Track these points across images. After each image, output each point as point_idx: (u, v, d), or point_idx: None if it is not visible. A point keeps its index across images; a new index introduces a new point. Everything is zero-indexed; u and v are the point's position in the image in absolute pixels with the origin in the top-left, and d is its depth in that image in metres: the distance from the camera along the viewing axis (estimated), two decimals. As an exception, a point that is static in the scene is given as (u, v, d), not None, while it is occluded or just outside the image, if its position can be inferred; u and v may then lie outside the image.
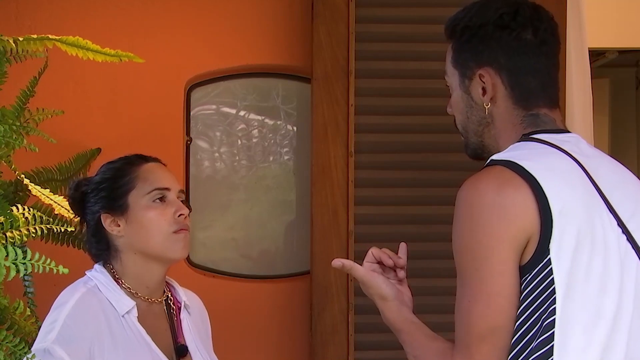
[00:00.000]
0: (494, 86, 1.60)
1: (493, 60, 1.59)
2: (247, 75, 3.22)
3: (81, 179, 2.06)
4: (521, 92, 1.59)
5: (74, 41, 2.20)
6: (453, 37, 1.64)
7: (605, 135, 5.34)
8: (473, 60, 1.61)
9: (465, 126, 1.66)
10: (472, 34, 1.60)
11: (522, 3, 1.62)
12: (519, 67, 1.59)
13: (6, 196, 2.26)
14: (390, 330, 3.26)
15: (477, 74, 1.60)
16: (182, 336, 1.99)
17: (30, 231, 2.16)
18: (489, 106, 1.60)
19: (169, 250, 1.94)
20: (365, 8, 3.00)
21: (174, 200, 1.97)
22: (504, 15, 1.58)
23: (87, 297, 1.89)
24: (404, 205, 3.01)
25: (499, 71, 1.59)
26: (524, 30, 1.58)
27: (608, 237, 1.48)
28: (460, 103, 1.65)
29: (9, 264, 1.41)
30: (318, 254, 2.97)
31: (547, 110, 1.61)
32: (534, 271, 1.44)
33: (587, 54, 3.18)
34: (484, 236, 1.45)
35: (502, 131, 1.61)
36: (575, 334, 1.42)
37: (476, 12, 1.61)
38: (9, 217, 1.96)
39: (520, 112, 1.60)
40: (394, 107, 3.01)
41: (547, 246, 1.43)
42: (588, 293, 1.44)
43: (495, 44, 1.59)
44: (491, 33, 1.58)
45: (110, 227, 1.95)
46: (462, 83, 1.63)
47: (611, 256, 1.47)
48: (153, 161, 2.03)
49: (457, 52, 1.63)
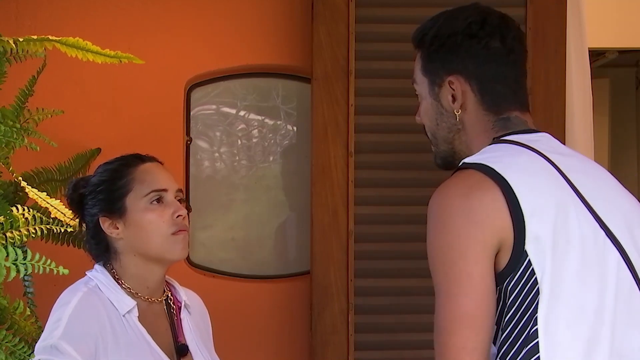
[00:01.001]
0: (464, 93, 1.61)
1: (462, 68, 1.61)
2: (247, 75, 3.22)
3: (79, 179, 2.04)
4: (491, 98, 1.61)
5: (74, 42, 2.20)
6: (422, 46, 1.66)
7: (605, 135, 5.34)
8: (442, 68, 1.63)
9: (434, 133, 1.68)
10: (441, 43, 1.62)
11: (489, 12, 1.63)
12: (488, 75, 1.61)
13: (6, 196, 2.26)
14: (390, 330, 3.27)
15: (446, 81, 1.62)
16: (183, 335, 1.99)
17: (30, 231, 2.17)
18: (459, 113, 1.62)
19: (169, 251, 1.94)
20: (365, 8, 3.00)
21: (172, 201, 1.96)
22: (473, 25, 1.60)
23: (89, 296, 1.89)
24: (404, 205, 3.00)
25: (468, 79, 1.61)
26: (492, 39, 1.60)
27: (584, 233, 1.49)
28: (430, 110, 1.67)
29: (9, 264, 1.41)
30: (318, 254, 2.97)
31: (519, 113, 1.62)
32: (516, 275, 1.45)
33: (587, 54, 3.18)
34: (453, 240, 1.46)
35: (474, 137, 1.62)
36: (560, 330, 1.44)
37: (444, 21, 1.64)
38: (9, 217, 1.97)
39: (492, 117, 1.61)
40: (394, 107, 3.01)
41: (523, 248, 1.44)
42: (569, 289, 1.45)
43: (464, 52, 1.60)
44: (460, 42, 1.60)
45: (109, 229, 1.95)
46: (431, 91, 1.65)
47: (589, 251, 1.48)
48: (150, 161, 2.01)
49: (426, 60, 1.65)
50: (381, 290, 3.00)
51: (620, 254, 1.50)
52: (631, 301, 1.49)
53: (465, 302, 1.43)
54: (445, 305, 1.45)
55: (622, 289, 1.49)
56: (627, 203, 1.59)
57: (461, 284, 1.44)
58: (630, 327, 1.48)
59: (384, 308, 3.00)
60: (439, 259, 1.48)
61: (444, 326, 1.44)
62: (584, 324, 1.45)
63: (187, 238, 1.96)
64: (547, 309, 1.44)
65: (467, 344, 1.42)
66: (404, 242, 3.00)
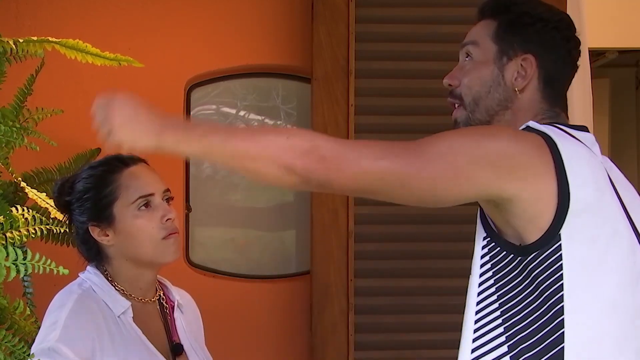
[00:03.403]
0: (532, 76, 1.61)
1: (541, 53, 1.61)
2: (247, 75, 3.22)
3: (63, 182, 2.01)
4: (552, 91, 1.62)
5: (74, 44, 2.19)
6: (503, 13, 1.63)
7: (605, 135, 5.34)
8: (522, 43, 1.61)
9: (479, 100, 1.63)
10: (532, 22, 1.61)
11: (571, 20, 1.67)
12: (557, 71, 1.62)
13: (6, 196, 2.25)
14: (390, 330, 3.25)
15: (520, 57, 1.61)
16: (177, 335, 2.00)
17: (30, 232, 2.16)
18: (518, 91, 1.60)
19: (160, 256, 1.94)
20: (365, 8, 3.00)
21: (160, 204, 1.94)
22: (563, 22, 1.63)
23: (84, 298, 1.89)
24: (403, 205, 2.99)
25: (541, 65, 1.61)
26: (575, 48, 1.64)
27: (623, 234, 1.49)
28: (488, 77, 1.62)
29: (9, 264, 1.41)
30: (318, 254, 2.97)
31: (564, 114, 1.64)
32: (543, 253, 1.44)
33: (587, 54, 3.17)
34: (484, 143, 1.45)
35: (519, 118, 1.60)
36: (586, 325, 1.43)
37: (537, 5, 1.64)
38: (8, 217, 1.96)
39: (545, 105, 1.61)
40: (394, 107, 3.01)
41: (558, 231, 1.43)
42: (602, 283, 1.44)
43: (549, 42, 1.61)
44: (549, 30, 1.61)
45: (99, 237, 1.94)
46: (498, 59, 1.62)
47: (625, 253, 1.48)
48: (134, 163, 1.97)
49: (505, 29, 1.62)
50: (381, 290, 3.00)
51: None
52: None
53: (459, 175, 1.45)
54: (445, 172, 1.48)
55: None
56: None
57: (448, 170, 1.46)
58: None
59: (384, 308, 3.00)
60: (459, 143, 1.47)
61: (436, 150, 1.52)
62: (614, 320, 1.45)
63: (178, 239, 1.95)
64: (576, 299, 1.42)
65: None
66: (404, 242, 3.00)
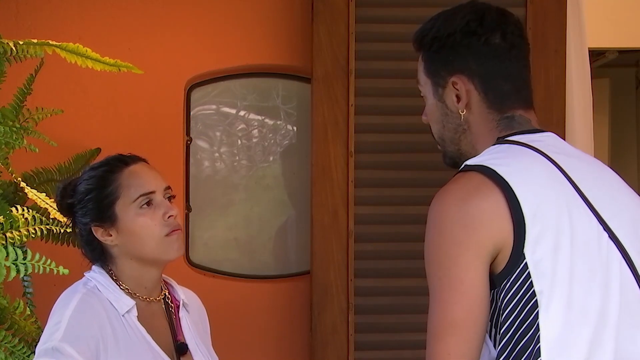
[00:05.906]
0: (468, 92, 1.60)
1: (464, 67, 1.59)
2: (247, 75, 3.22)
3: (66, 185, 2.02)
4: (495, 96, 1.60)
5: (74, 48, 2.20)
6: (423, 48, 1.65)
7: (605, 135, 5.34)
8: (445, 69, 1.61)
9: (441, 135, 1.67)
10: (441, 44, 1.60)
11: (487, 8, 1.62)
12: (491, 72, 1.59)
13: (6, 196, 2.26)
14: (390, 330, 3.27)
15: (449, 81, 1.61)
16: (182, 334, 2.00)
17: (30, 231, 2.17)
18: (464, 112, 1.61)
19: (164, 253, 1.94)
20: (365, 8, 3.00)
21: (161, 202, 1.95)
22: (471, 22, 1.59)
23: (88, 297, 1.89)
24: (404, 205, 3.01)
25: (472, 77, 1.59)
26: (492, 35, 1.59)
27: (588, 236, 1.48)
28: (436, 112, 1.66)
29: (9, 264, 1.41)
30: (318, 254, 2.97)
31: (523, 111, 1.61)
32: (511, 278, 1.44)
33: (587, 54, 3.18)
34: (447, 246, 1.46)
35: (479, 136, 1.61)
36: (562, 334, 1.43)
37: (443, 21, 1.62)
38: (8, 217, 1.97)
39: (495, 115, 1.60)
40: (394, 107, 3.01)
41: (522, 251, 1.44)
42: (571, 293, 1.44)
43: (465, 50, 1.59)
44: (460, 40, 1.59)
45: (102, 237, 1.95)
46: (435, 92, 1.64)
47: (592, 255, 1.47)
48: (134, 162, 1.99)
49: (428, 62, 1.64)
50: (381, 290, 3.00)
51: (623, 256, 1.49)
52: (634, 303, 1.48)
53: (454, 309, 1.43)
54: (436, 311, 1.45)
55: (625, 292, 1.48)
56: (632, 203, 1.57)
57: (453, 291, 1.44)
58: (633, 329, 1.47)
59: (384, 308, 3.00)
60: (434, 265, 1.49)
61: (433, 332, 1.45)
62: (587, 327, 1.44)
63: (181, 237, 1.96)
64: (548, 313, 1.42)
65: (453, 351, 1.42)
66: (404, 242, 2.99)
